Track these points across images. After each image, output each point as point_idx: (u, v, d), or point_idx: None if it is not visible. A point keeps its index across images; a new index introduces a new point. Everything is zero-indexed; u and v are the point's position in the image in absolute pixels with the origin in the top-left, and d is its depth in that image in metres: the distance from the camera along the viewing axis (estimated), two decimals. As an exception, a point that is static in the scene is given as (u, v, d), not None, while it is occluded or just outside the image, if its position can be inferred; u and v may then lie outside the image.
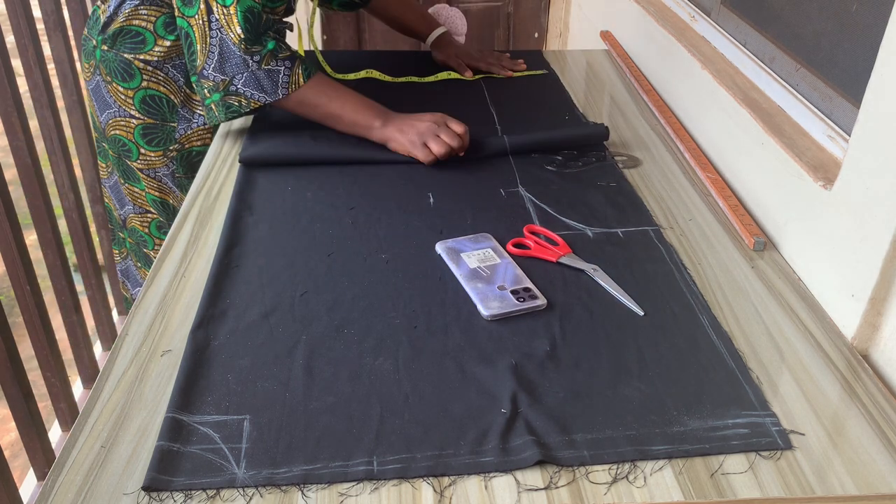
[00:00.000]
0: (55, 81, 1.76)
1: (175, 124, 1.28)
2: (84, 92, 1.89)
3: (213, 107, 1.13)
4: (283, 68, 1.11)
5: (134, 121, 1.27)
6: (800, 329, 0.80)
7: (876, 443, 0.66)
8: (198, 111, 1.29)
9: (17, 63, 1.62)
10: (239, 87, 1.10)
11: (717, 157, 1.12)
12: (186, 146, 1.30)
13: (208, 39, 1.09)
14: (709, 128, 1.16)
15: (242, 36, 1.07)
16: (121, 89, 1.25)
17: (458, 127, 1.11)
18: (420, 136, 1.10)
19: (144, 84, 1.24)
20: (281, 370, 0.73)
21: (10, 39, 1.63)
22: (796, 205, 0.90)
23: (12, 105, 1.56)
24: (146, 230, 1.38)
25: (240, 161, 1.10)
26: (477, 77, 1.45)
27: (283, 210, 0.99)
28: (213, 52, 1.09)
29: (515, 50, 1.56)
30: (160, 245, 1.27)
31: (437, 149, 1.09)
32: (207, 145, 1.30)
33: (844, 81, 0.91)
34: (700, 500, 0.60)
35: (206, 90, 1.13)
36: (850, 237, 0.79)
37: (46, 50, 1.74)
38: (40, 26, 1.72)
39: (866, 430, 0.67)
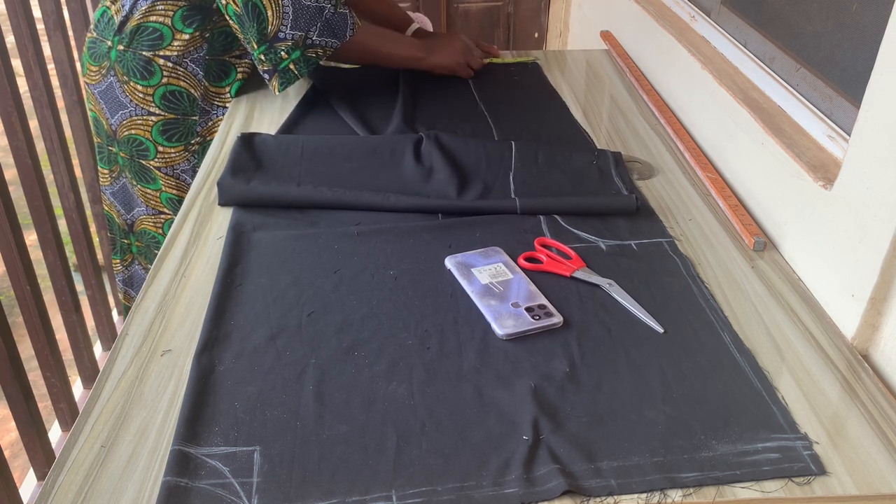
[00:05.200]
0: (55, 81, 1.76)
1: (196, 118, 1.29)
2: (84, 93, 1.89)
3: (293, 66, 1.21)
4: (348, 10, 1.23)
5: (153, 118, 1.28)
6: (800, 329, 0.79)
7: (876, 443, 0.66)
8: (216, 102, 1.31)
9: (17, 63, 1.62)
10: (314, 38, 1.20)
11: (717, 157, 1.12)
12: (208, 138, 1.31)
13: (280, 2, 1.16)
14: (709, 128, 1.16)
15: None
16: (139, 87, 1.26)
17: (479, 52, 1.48)
18: (462, 59, 1.43)
19: (165, 80, 1.26)
20: (290, 397, 0.69)
21: (10, 39, 1.63)
22: (796, 205, 0.90)
23: (12, 105, 1.56)
24: (159, 230, 1.38)
25: (220, 205, 1.01)
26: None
27: (285, 225, 0.95)
28: (286, 13, 1.17)
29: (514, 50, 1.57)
30: None
31: (475, 67, 1.46)
32: None
33: (844, 81, 0.91)
34: (700, 500, 0.60)
35: (282, 52, 1.19)
36: (850, 237, 0.79)
37: (46, 50, 1.74)
38: (40, 26, 1.73)
39: (866, 430, 0.67)
